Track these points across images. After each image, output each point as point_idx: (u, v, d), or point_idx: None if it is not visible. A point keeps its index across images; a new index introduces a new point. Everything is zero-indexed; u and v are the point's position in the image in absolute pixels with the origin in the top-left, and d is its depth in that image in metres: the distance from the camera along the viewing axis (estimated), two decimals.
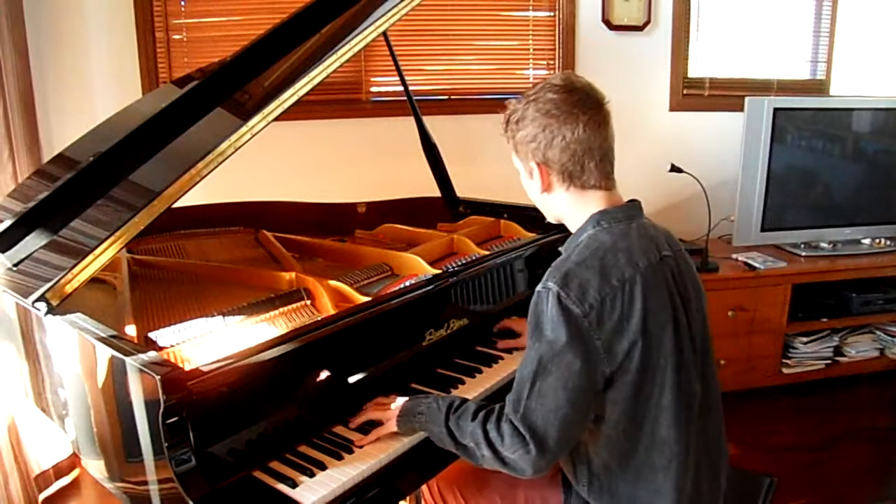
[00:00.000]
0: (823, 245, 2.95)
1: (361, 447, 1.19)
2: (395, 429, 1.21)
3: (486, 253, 1.70)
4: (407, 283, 1.49)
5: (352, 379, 1.29)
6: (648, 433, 1.10)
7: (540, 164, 1.14)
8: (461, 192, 2.12)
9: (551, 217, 1.24)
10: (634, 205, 1.19)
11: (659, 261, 1.12)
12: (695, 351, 1.15)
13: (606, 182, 1.16)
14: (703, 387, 1.16)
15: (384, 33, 1.66)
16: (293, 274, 1.53)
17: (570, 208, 1.18)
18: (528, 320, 1.10)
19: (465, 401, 1.18)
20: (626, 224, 1.14)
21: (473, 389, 1.40)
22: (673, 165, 2.72)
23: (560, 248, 1.21)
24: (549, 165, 1.14)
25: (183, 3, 2.61)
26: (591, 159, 1.13)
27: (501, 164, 2.85)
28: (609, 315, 1.04)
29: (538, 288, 1.08)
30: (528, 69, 2.99)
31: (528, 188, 1.22)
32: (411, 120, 2.02)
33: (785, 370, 2.87)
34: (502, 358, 1.53)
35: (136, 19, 2.53)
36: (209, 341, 1.26)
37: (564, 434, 1.06)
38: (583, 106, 1.12)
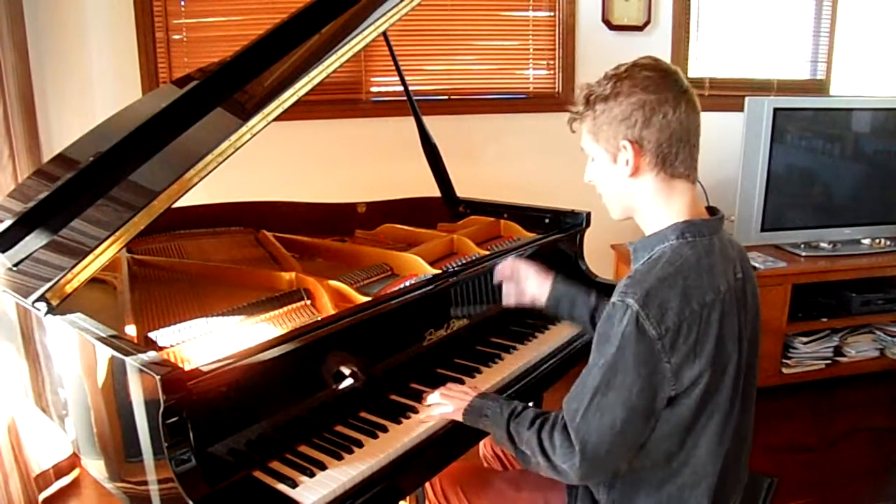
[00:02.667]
0: (823, 245, 2.95)
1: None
2: (459, 418, 1.22)
3: (486, 253, 1.70)
4: (407, 283, 1.49)
5: (351, 379, 1.29)
6: (686, 450, 1.09)
7: (633, 142, 1.06)
8: (461, 192, 2.12)
9: (621, 210, 1.16)
10: (719, 218, 1.13)
11: (735, 284, 1.08)
12: (747, 376, 1.12)
13: (693, 173, 1.11)
14: (743, 412, 1.13)
15: (384, 33, 1.66)
16: (293, 274, 1.53)
17: (654, 199, 1.10)
18: (598, 330, 1.06)
19: (525, 406, 1.17)
20: (709, 239, 1.09)
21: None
22: None
23: (629, 246, 1.15)
24: (643, 145, 1.06)
25: (183, 3, 2.61)
26: (686, 144, 1.07)
27: (501, 164, 2.90)
28: (684, 340, 1.00)
29: (614, 299, 1.03)
30: (528, 69, 2.98)
31: (606, 175, 1.13)
32: (411, 120, 2.02)
33: (785, 370, 2.87)
34: (502, 358, 1.54)
35: (136, 19, 2.53)
36: (209, 341, 1.25)
37: (617, 448, 1.05)
38: (680, 87, 1.07)
